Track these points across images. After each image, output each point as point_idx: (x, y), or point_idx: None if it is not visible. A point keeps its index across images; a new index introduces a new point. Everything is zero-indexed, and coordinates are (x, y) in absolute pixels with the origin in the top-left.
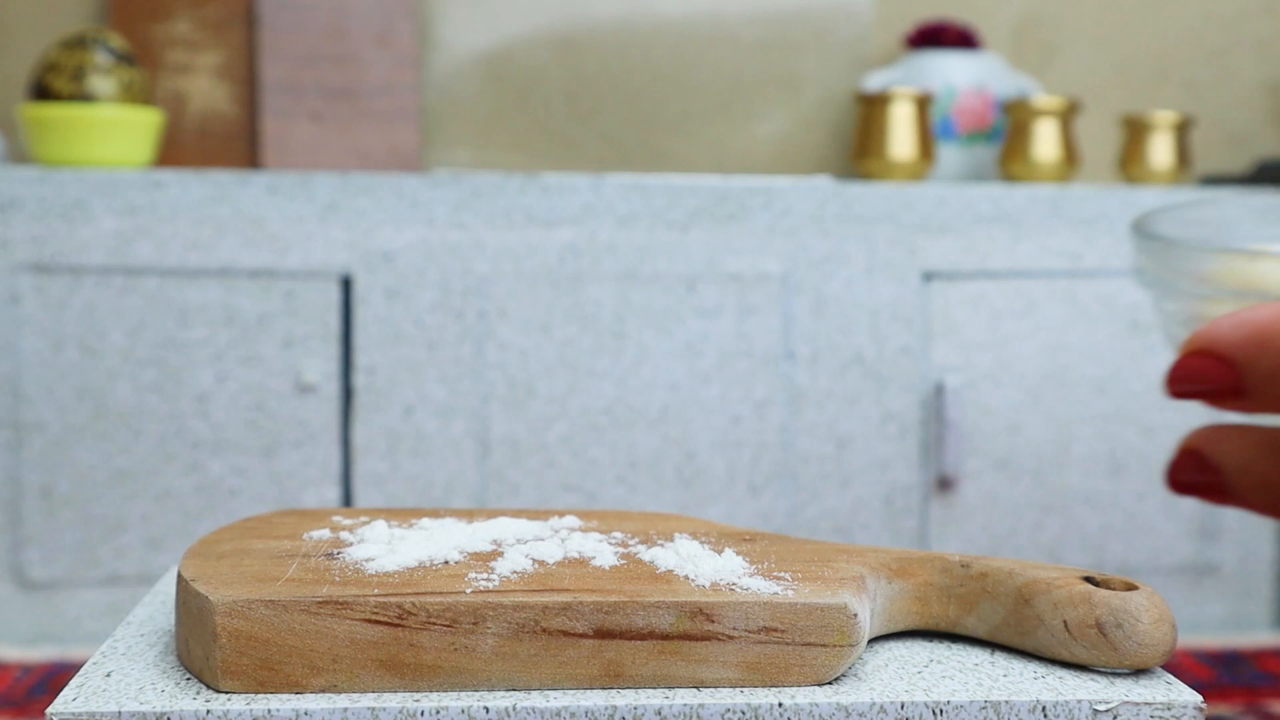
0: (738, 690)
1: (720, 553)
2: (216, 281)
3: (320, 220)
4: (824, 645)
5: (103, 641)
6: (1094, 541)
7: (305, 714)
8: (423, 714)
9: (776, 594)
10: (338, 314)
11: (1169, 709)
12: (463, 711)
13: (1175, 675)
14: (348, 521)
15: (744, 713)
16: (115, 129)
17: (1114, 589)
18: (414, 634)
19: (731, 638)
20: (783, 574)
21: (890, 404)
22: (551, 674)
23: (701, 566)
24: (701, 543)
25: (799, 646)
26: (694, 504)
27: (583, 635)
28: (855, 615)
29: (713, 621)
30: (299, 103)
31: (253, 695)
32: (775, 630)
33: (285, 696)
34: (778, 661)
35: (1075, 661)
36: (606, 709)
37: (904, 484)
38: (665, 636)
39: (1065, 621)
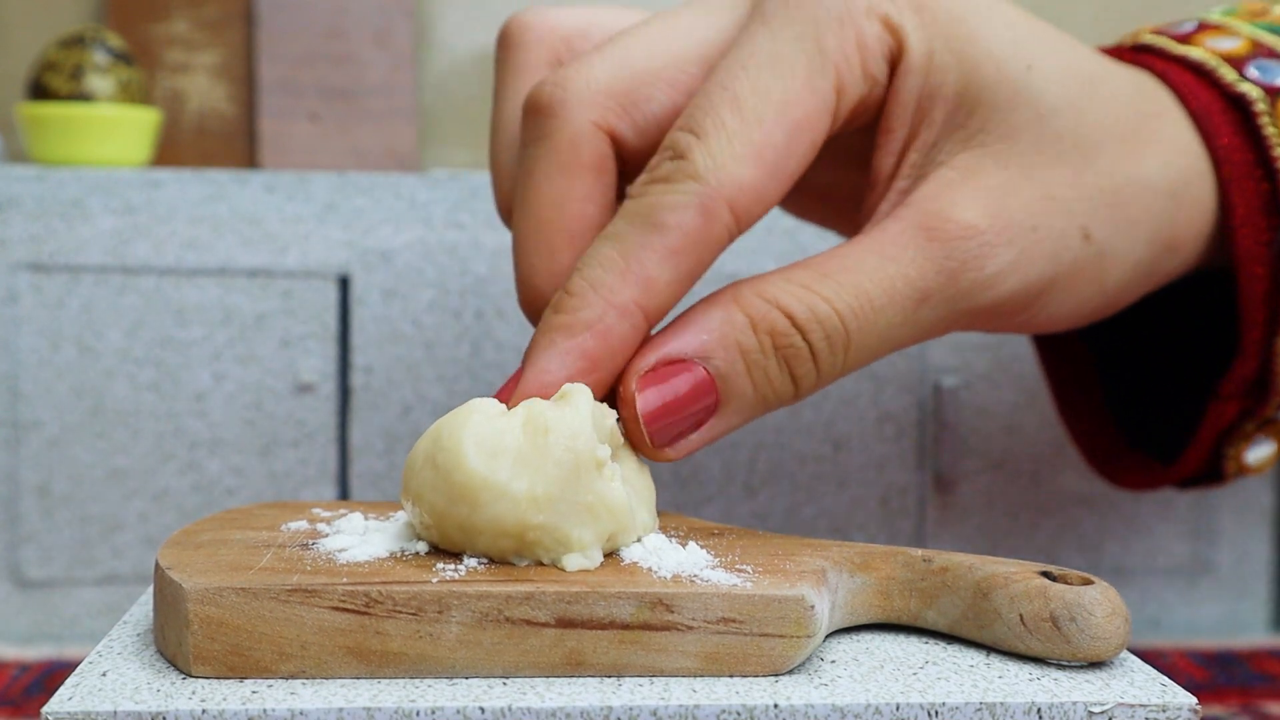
0: (733, 690)
1: (685, 546)
2: (214, 281)
3: (318, 220)
4: (781, 636)
5: (99, 640)
6: (1090, 542)
7: (301, 714)
8: (419, 714)
9: (736, 586)
10: (335, 313)
11: (1163, 710)
12: (458, 711)
13: (1170, 676)
14: (326, 514)
15: (739, 713)
16: (113, 128)
17: (1071, 584)
18: (380, 621)
19: (691, 628)
20: (744, 567)
21: (887, 405)
22: (514, 661)
23: (665, 559)
24: (669, 536)
25: (757, 637)
26: (690, 504)
27: (545, 624)
28: (813, 607)
29: (672, 612)
30: (297, 102)
31: (249, 696)
32: (734, 621)
33: (281, 696)
34: (736, 652)
35: (1030, 654)
36: (601, 709)
37: (901, 484)
38: (626, 626)
39: (1021, 615)
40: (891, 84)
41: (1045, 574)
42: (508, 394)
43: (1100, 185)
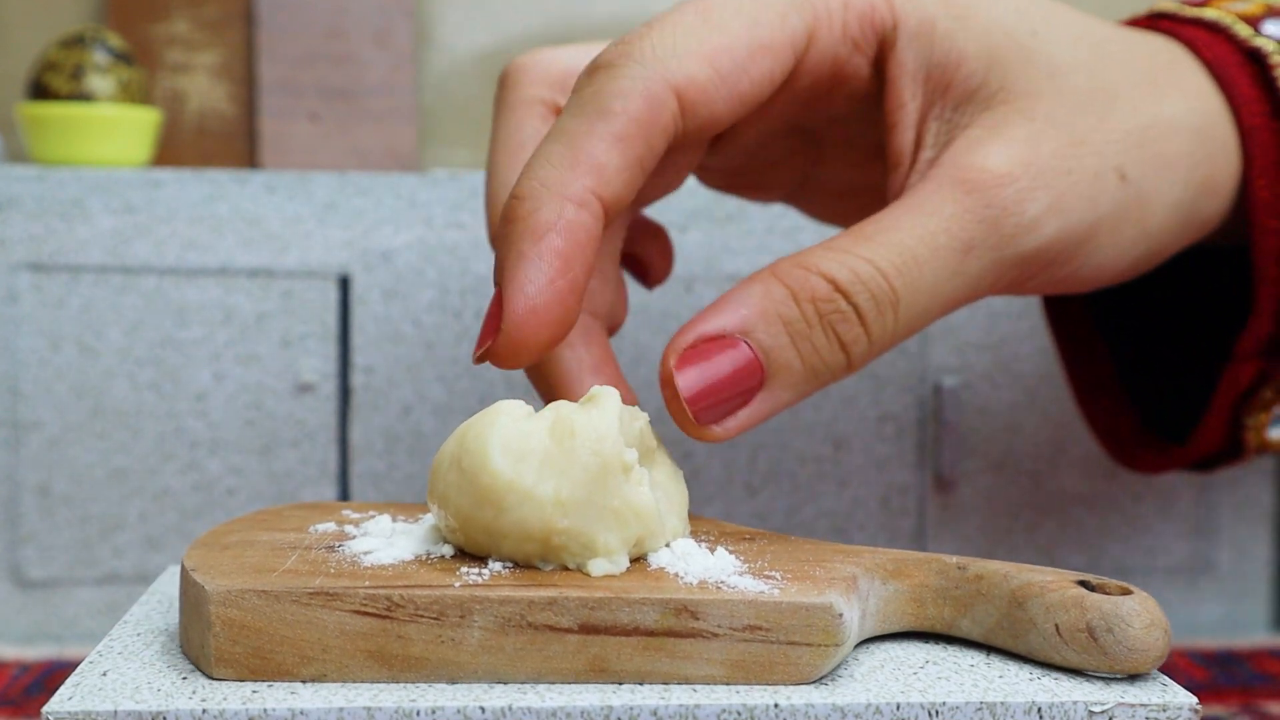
0: (733, 690)
1: (714, 551)
2: (214, 281)
3: (318, 220)
4: (809, 645)
5: (99, 640)
6: (1090, 542)
7: (301, 714)
8: (419, 714)
9: (762, 593)
10: (336, 313)
11: (1164, 710)
12: (458, 711)
13: (1170, 676)
14: (356, 515)
15: (739, 713)
16: (113, 128)
17: (1109, 593)
18: (402, 626)
19: (716, 635)
20: (773, 573)
21: (888, 405)
22: (536, 667)
23: (692, 564)
24: (699, 541)
25: (784, 645)
26: (691, 504)
27: (568, 630)
28: (840, 615)
29: (697, 619)
30: (297, 102)
31: (249, 696)
32: (760, 629)
33: (281, 696)
34: (762, 660)
35: (1067, 666)
36: (601, 709)
37: (901, 484)
38: (650, 633)
39: (1057, 625)
40: (892, 56)
41: (1083, 583)
42: (493, 328)
43: (1127, 126)
